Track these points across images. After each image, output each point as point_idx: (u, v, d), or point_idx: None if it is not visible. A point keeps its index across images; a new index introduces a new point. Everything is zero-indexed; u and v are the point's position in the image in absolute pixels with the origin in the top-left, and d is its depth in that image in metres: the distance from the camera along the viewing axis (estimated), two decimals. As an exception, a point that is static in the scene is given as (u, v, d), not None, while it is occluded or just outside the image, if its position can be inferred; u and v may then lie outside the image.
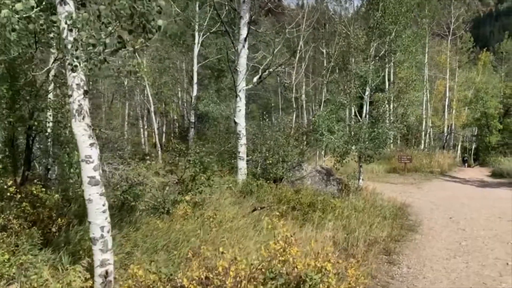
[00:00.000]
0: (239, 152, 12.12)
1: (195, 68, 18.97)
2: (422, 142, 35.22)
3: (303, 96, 30.73)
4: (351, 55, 11.89)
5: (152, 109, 20.77)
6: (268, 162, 11.66)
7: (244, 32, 11.40)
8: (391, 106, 11.99)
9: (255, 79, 11.78)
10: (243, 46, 11.50)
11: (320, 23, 35.85)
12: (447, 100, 36.98)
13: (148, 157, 12.46)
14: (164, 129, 35.55)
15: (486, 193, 16.87)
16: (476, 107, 36.37)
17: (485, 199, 14.91)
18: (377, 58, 12.44)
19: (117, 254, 4.48)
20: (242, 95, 11.91)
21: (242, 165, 12.08)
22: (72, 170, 5.92)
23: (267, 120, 13.81)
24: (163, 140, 33.44)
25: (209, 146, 17.27)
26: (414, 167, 24.21)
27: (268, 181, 11.36)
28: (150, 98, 20.45)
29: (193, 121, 19.06)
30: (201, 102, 17.63)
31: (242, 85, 11.77)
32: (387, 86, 13.36)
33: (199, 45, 18.64)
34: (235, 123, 12.18)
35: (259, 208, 7.76)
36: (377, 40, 12.23)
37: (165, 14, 22.81)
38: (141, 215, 6.08)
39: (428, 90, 36.88)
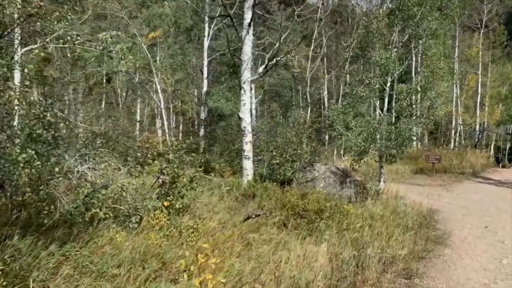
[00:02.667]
0: (244, 150, 10.95)
1: (205, 62, 17.94)
2: (452, 140, 33.12)
3: (325, 92, 29.38)
4: (371, 41, 10.47)
5: (162, 106, 19.88)
6: (275, 161, 10.44)
7: (248, 16, 10.21)
8: (417, 98, 10.49)
9: (260, 69, 10.57)
10: (247, 32, 10.31)
11: (343, 17, 34.43)
12: (479, 96, 34.75)
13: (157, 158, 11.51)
14: (181, 128, 34.87)
15: (525, 197, 15.07)
16: (511, 103, 33.86)
17: (525, 204, 13.18)
18: (400, 44, 10.97)
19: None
20: (246, 87, 10.72)
21: (247, 165, 10.91)
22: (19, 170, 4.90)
23: (279, 116, 12.60)
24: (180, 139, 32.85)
25: (217, 145, 16.32)
26: (443, 167, 22.46)
27: (275, 183, 10.16)
28: (160, 95, 19.55)
29: (203, 118, 18.03)
30: (210, 98, 16.56)
31: (246, 76, 10.58)
32: (413, 77, 11.79)
33: (209, 38, 17.58)
34: (240, 118, 11.02)
35: (253, 216, 6.56)
36: (400, 24, 10.77)
37: (179, 8, 22.01)
38: (100, 225, 4.99)
39: (458, 86, 34.84)
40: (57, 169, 5.40)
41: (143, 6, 21.64)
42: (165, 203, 5.93)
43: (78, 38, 6.56)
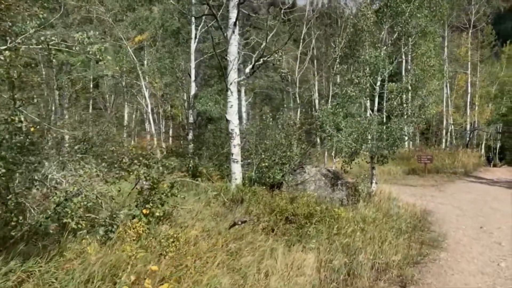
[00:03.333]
0: (232, 154, 10.60)
1: (192, 65, 17.57)
2: (444, 140, 33.11)
3: (316, 93, 29.12)
4: (359, 40, 10.20)
5: (149, 110, 19.46)
6: (264, 164, 10.11)
7: (233, 15, 9.89)
8: (408, 97, 10.23)
9: (247, 70, 10.25)
10: (233, 32, 9.99)
11: (332, 19, 34.32)
12: (469, 96, 34.84)
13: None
14: (171, 133, 34.37)
15: (519, 195, 14.93)
16: (501, 102, 33.95)
17: (519, 203, 13.01)
18: (390, 42, 10.72)
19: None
20: (233, 88, 10.38)
21: (236, 168, 10.56)
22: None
23: (269, 118, 12.28)
24: (170, 144, 32.34)
25: (204, 149, 15.96)
26: (435, 167, 22.35)
27: (265, 187, 9.83)
28: (147, 99, 19.15)
29: (191, 121, 17.64)
30: (198, 101, 16.21)
31: (233, 77, 10.24)
32: (403, 76, 11.53)
33: (196, 40, 17.24)
34: (227, 120, 10.68)
35: (239, 223, 6.21)
36: (388, 22, 10.54)
37: (166, 10, 21.63)
38: (71, 237, 4.61)
39: (448, 86, 34.90)
40: (35, 177, 5.05)
41: (129, 9, 21.24)
42: (144, 211, 5.57)
43: (53, 38, 6.19)
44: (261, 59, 9.86)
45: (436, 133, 33.47)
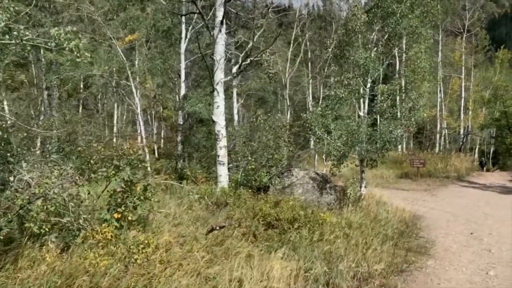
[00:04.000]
0: (218, 156, 10.33)
1: (182, 65, 17.29)
2: (437, 144, 33.00)
3: (310, 96, 28.88)
4: (350, 40, 9.97)
5: (139, 111, 19.11)
6: (250, 167, 9.84)
7: (220, 13, 9.64)
8: (398, 99, 10.01)
9: (234, 69, 10.00)
10: (220, 31, 9.73)
11: (327, 22, 34.17)
12: (462, 100, 34.82)
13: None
14: (162, 134, 34.01)
15: (511, 201, 14.73)
16: (495, 107, 33.91)
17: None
18: (381, 43, 10.50)
19: None
20: (220, 88, 10.13)
21: (222, 171, 10.28)
22: None
23: (259, 120, 12.03)
24: (162, 146, 31.98)
25: (190, 150, 15.68)
26: (428, 171, 22.17)
27: (251, 190, 9.55)
28: (137, 100, 18.80)
29: (180, 123, 17.34)
30: (187, 102, 15.91)
31: (219, 76, 9.99)
32: (395, 77, 11.31)
33: (187, 40, 16.94)
34: (213, 121, 10.41)
35: (217, 228, 5.92)
36: (379, 23, 10.32)
37: (157, 10, 21.31)
38: (29, 242, 4.30)
39: (442, 90, 34.87)
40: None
41: (120, 9, 20.91)
42: (116, 215, 5.27)
43: (27, 34, 5.90)
44: (248, 59, 9.60)
45: (429, 137, 33.35)
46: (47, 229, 4.50)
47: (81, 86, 25.38)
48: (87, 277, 3.74)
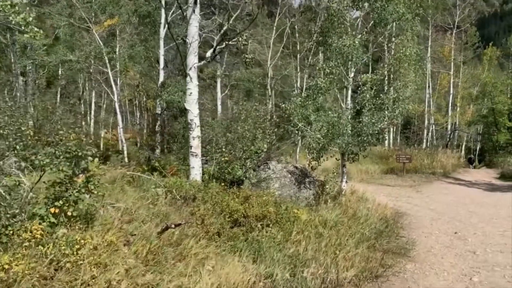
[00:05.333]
0: (191, 146, 9.64)
1: (162, 51, 16.50)
2: (424, 140, 32.71)
3: (298, 90, 28.13)
4: (332, 25, 9.32)
5: (115, 98, 18.27)
6: (223, 159, 9.19)
7: (193, -8, 8.91)
8: (382, 89, 9.39)
9: (208, 53, 9.28)
10: (193, 11, 8.99)
11: (316, 13, 33.44)
12: (451, 96, 34.58)
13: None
14: (144, 124, 33.05)
15: (497, 199, 14.38)
16: (482, 103, 33.75)
17: (497, 206, 12.41)
18: (365, 30, 9.87)
19: None
20: (193, 74, 9.40)
21: (195, 163, 9.60)
22: None
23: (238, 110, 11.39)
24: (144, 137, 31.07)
25: (170, 142, 14.97)
26: (414, 167, 21.81)
27: (225, 184, 8.90)
28: (114, 87, 17.95)
29: (158, 112, 16.57)
30: (165, 90, 15.16)
31: (192, 61, 9.26)
32: (379, 66, 10.70)
33: (166, 25, 16.10)
34: (186, 110, 9.71)
35: (173, 226, 5.27)
36: (364, 8, 9.69)
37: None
38: None
39: (430, 86, 34.58)
40: None
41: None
42: (53, 210, 4.58)
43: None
44: (224, 42, 8.89)
45: (417, 132, 33.01)
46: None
47: (59, 73, 24.34)
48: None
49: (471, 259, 6.44)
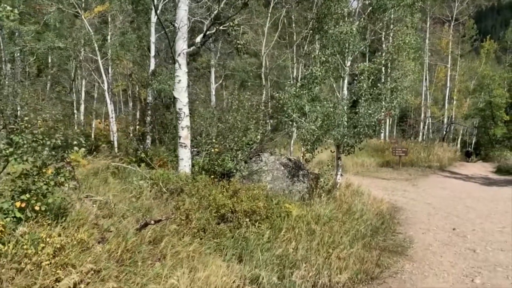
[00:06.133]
0: (179, 137, 9.22)
1: (152, 38, 15.94)
2: (421, 133, 32.45)
3: (293, 81, 27.63)
4: (328, 10, 8.86)
5: (106, 87, 17.74)
6: (213, 150, 8.77)
7: (181, -28, 8.42)
8: (380, 78, 8.96)
9: (198, 39, 8.81)
10: (182, -6, 8.53)
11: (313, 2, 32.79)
12: (447, 90, 34.29)
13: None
14: (137, 115, 32.48)
15: (493, 193, 14.09)
16: (479, 96, 33.48)
17: (494, 200, 12.12)
18: (363, 17, 9.43)
19: None
20: (182, 60, 8.95)
21: (184, 154, 9.18)
22: None
23: (230, 100, 10.92)
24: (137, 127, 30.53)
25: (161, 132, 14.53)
26: (410, 160, 21.53)
27: (214, 176, 8.50)
28: (104, 76, 17.41)
29: (149, 102, 16.09)
30: (156, 79, 14.66)
31: (181, 47, 8.79)
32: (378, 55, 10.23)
33: (158, 11, 15.55)
34: (174, 98, 9.28)
35: (152, 223, 4.86)
36: (362, -7, 9.24)
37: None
38: None
39: (427, 79, 34.26)
40: None
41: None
42: (18, 204, 4.16)
43: None
44: (214, 27, 8.43)
45: (413, 125, 32.74)
46: None
47: (49, 60, 23.68)
48: None
49: (472, 258, 6.10)
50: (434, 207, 10.83)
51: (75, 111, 24.59)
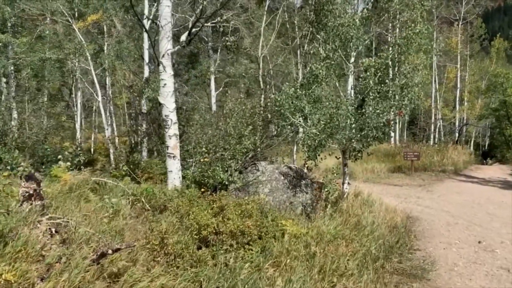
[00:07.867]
0: (167, 147, 8.37)
1: (146, 45, 15.22)
2: (432, 136, 31.25)
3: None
4: (327, 1, 7.96)
5: (99, 98, 17.03)
6: (203, 160, 7.87)
7: (162, -35, 7.61)
8: (388, 73, 7.96)
9: (183, 37, 7.95)
10: (164, -12, 7.71)
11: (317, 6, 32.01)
12: (458, 91, 33.16)
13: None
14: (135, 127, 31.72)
15: (516, 198, 12.94)
16: (492, 96, 32.25)
17: (517, 206, 11.01)
18: (367, 7, 8.51)
19: None
20: (166, 62, 8.09)
21: (173, 166, 8.32)
22: None
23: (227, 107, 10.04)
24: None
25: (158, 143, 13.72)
26: (423, 165, 20.38)
27: (206, 189, 7.58)
28: (97, 86, 16.71)
29: (144, 111, 15.30)
30: (149, 87, 13.88)
31: (165, 47, 7.95)
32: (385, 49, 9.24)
33: (151, 16, 14.83)
34: (159, 104, 8.43)
35: (110, 252, 3.94)
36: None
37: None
38: None
39: (437, 80, 33.22)
40: None
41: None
42: None
43: None
44: (200, 24, 7.58)
45: (424, 128, 31.57)
46: None
47: (45, 73, 23.08)
48: None
49: (507, 280, 5.06)
50: (453, 216, 9.77)
51: (76, 124, 24.00)
